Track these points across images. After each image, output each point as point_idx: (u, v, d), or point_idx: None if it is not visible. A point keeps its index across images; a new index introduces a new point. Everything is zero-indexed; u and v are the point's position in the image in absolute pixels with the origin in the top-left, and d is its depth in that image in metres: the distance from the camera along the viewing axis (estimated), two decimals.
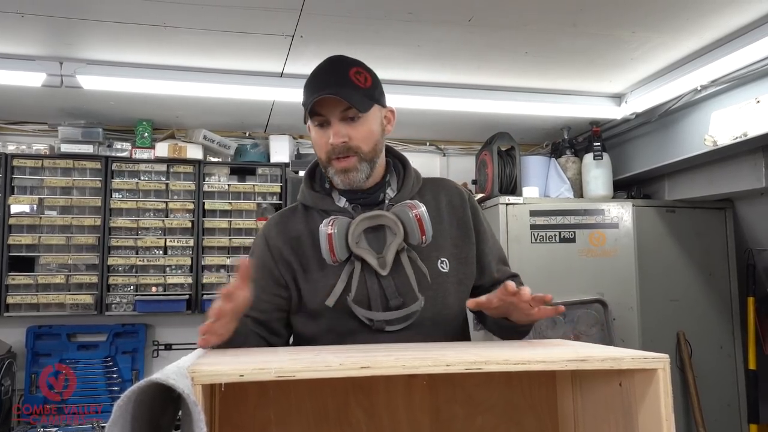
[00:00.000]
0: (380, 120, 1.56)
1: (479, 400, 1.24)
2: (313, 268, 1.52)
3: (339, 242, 1.44)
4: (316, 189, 1.62)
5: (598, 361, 0.96)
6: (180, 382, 0.79)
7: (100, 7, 2.27)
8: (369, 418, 1.22)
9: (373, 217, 1.48)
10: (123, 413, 0.76)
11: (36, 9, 2.28)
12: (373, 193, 1.56)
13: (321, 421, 1.20)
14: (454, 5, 2.27)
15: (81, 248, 3.37)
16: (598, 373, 1.11)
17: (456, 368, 0.94)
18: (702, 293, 3.45)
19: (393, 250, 1.46)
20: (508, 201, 3.30)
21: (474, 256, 1.60)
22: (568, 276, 3.28)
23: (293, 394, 1.19)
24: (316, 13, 2.30)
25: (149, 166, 3.47)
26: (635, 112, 3.22)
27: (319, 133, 1.51)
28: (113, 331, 3.47)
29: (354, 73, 1.51)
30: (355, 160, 1.49)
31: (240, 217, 3.55)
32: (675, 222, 3.46)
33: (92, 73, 2.76)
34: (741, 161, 3.06)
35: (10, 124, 3.49)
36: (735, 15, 2.37)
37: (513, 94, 3.14)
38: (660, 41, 2.61)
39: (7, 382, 3.15)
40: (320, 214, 1.55)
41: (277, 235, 1.57)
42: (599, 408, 1.12)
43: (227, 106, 3.21)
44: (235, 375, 0.86)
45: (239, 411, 1.17)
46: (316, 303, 1.49)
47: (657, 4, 2.28)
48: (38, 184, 3.36)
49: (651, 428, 0.98)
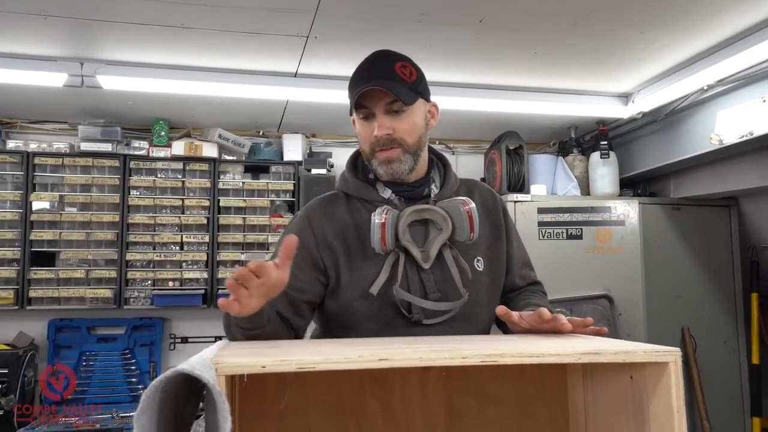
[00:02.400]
0: (424, 114, 1.55)
1: (492, 393, 1.24)
2: (356, 257, 1.50)
3: (390, 232, 1.42)
4: (360, 178, 1.59)
5: (611, 354, 0.96)
6: (205, 373, 0.79)
7: (120, 9, 2.28)
8: (384, 409, 1.22)
9: (421, 211, 1.47)
10: (150, 402, 0.77)
11: (58, 11, 2.29)
12: (418, 187, 1.56)
13: (337, 412, 1.20)
14: (465, 6, 2.27)
15: (100, 244, 3.39)
16: (609, 366, 1.11)
17: (472, 361, 0.93)
18: (706, 289, 3.44)
19: (437, 245, 1.45)
20: (516, 199, 3.30)
21: (504, 257, 1.60)
22: (575, 272, 3.27)
23: (310, 385, 1.19)
24: (331, 14, 2.30)
25: (166, 164, 3.49)
26: (642, 111, 3.21)
27: (364, 125, 1.50)
28: (131, 325, 3.50)
29: (400, 66, 1.50)
30: (399, 151, 1.47)
31: (254, 214, 3.56)
32: (680, 219, 3.45)
33: (111, 74, 2.77)
34: (746, 160, 3.05)
35: (31, 123, 3.51)
36: (742, 15, 2.35)
37: (521, 93, 3.13)
38: (667, 41, 2.60)
39: (29, 373, 3.17)
40: (363, 204, 1.55)
41: (322, 218, 1.54)
42: (610, 400, 1.12)
43: (242, 106, 3.22)
44: (257, 366, 0.86)
45: (258, 401, 1.17)
46: (359, 291, 1.47)
47: (665, 5, 2.27)
48: (59, 181, 3.38)
49: (662, 421, 0.98)
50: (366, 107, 1.48)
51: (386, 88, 1.44)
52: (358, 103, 1.47)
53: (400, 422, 1.22)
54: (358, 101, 1.47)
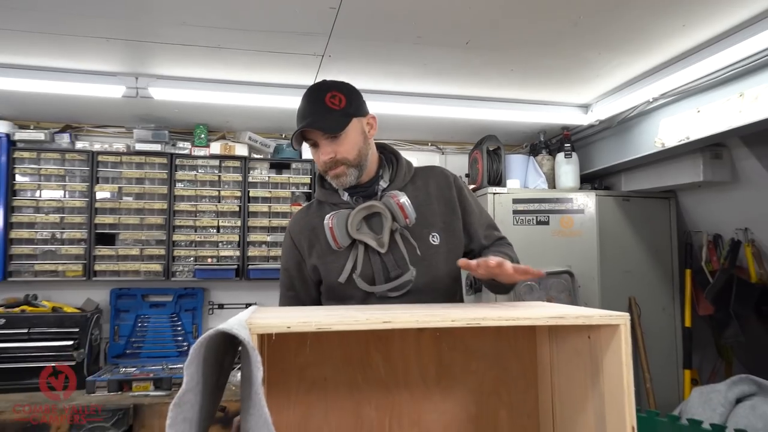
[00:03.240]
0: (361, 129, 1.52)
1: (474, 349, 1.26)
2: (327, 252, 1.53)
3: (339, 232, 1.46)
4: (326, 187, 1.62)
5: (573, 318, 0.97)
6: (241, 332, 0.80)
7: (168, 33, 2.28)
8: (386, 363, 1.23)
9: (367, 207, 1.49)
10: (197, 355, 0.78)
11: (118, 34, 2.29)
12: (369, 187, 1.56)
13: (347, 364, 1.21)
14: (454, 30, 2.26)
15: (152, 227, 3.40)
16: (570, 328, 1.12)
17: (459, 323, 0.94)
18: (649, 266, 3.46)
19: (387, 231, 1.47)
20: (495, 191, 3.30)
21: (461, 228, 1.59)
22: (543, 252, 3.28)
23: (325, 343, 1.20)
24: (342, 37, 2.29)
25: (205, 161, 3.49)
26: (599, 119, 3.21)
27: (313, 152, 1.53)
28: (177, 293, 3.51)
29: (329, 98, 1.48)
30: (344, 168, 1.49)
31: (278, 203, 3.57)
32: (629, 209, 3.46)
33: (161, 86, 2.77)
34: (683, 160, 3.05)
35: (96, 127, 3.51)
36: (679, 41, 2.36)
37: (499, 103, 3.13)
38: (619, 62, 2.59)
39: (96, 332, 3.20)
40: (330, 207, 1.57)
41: (299, 231, 1.60)
42: (571, 356, 1.13)
43: (268, 113, 3.21)
44: (283, 327, 0.87)
45: (283, 356, 1.18)
46: (331, 280, 1.51)
47: (618, 32, 2.27)
48: (118, 175, 3.38)
49: (613, 372, 0.99)
50: (310, 139, 1.50)
51: (317, 126, 1.45)
52: (305, 137, 1.50)
53: (399, 373, 1.23)
54: (304, 135, 1.49)
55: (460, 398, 1.24)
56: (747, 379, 2.50)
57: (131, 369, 3.11)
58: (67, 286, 3.37)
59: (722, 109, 2.49)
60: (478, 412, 1.24)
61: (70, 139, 3.40)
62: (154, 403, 2.70)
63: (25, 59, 2.57)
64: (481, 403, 1.24)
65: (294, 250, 1.60)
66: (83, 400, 2.70)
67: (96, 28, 2.24)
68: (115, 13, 2.12)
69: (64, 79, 2.68)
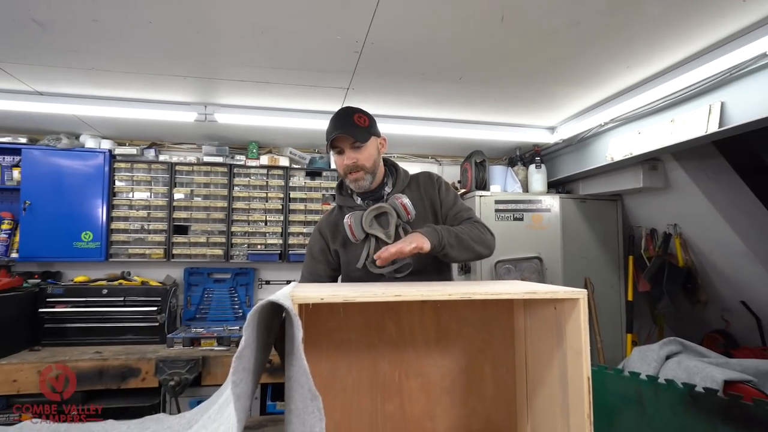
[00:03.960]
0: (376, 146, 1.55)
1: (466, 318, 1.26)
2: (348, 245, 1.54)
3: (356, 228, 1.47)
4: (343, 194, 1.64)
5: (543, 293, 0.97)
6: (286, 302, 0.81)
7: (229, 71, 2.29)
8: (396, 328, 1.24)
9: (377, 208, 1.50)
10: (253, 320, 0.79)
11: (192, 73, 2.31)
12: (377, 192, 1.57)
13: (366, 329, 1.22)
14: (450, 69, 2.25)
15: (215, 221, 3.41)
16: (540, 301, 1.12)
17: (455, 297, 0.95)
18: (601, 253, 3.43)
19: (393, 226, 1.48)
20: (481, 194, 3.29)
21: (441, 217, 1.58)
22: (518, 242, 3.26)
23: (350, 312, 1.21)
24: (362, 74, 2.29)
25: (256, 170, 3.49)
26: (562, 138, 3.18)
27: (338, 158, 1.53)
28: (235, 272, 3.53)
29: (357, 117, 1.50)
30: (362, 173, 1.50)
31: (312, 203, 3.56)
32: (585, 208, 3.43)
33: (223, 113, 2.78)
34: (627, 171, 3.03)
35: (174, 144, 3.53)
36: (626, 78, 2.34)
37: (485, 125, 3.11)
38: (578, 94, 2.57)
39: (173, 301, 3.23)
40: (347, 210, 1.58)
41: (326, 226, 1.61)
42: (541, 323, 1.13)
43: (304, 133, 3.22)
44: (317, 299, 0.88)
45: (317, 321, 1.19)
46: (352, 266, 1.52)
47: (578, 71, 2.25)
48: (190, 181, 3.40)
49: (573, 335, 0.98)
50: (338, 146, 1.50)
51: (349, 134, 1.46)
52: (333, 145, 1.49)
53: (407, 335, 1.24)
54: (333, 143, 1.49)
55: (454, 355, 1.24)
56: (675, 341, 2.48)
57: (200, 329, 3.14)
58: (152, 265, 3.41)
59: (658, 131, 2.47)
60: (468, 366, 1.24)
61: (155, 153, 3.43)
62: (217, 355, 2.73)
63: (123, 93, 2.60)
64: (471, 360, 1.24)
65: (321, 240, 1.61)
66: (165, 353, 2.73)
67: (175, 69, 2.26)
68: (190, 57, 2.13)
69: (152, 107, 2.70)
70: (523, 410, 1.20)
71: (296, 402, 0.77)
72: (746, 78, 2.01)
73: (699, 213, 2.90)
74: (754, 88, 1.98)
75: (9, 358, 2.61)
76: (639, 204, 3.36)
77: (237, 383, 0.73)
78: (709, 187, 2.81)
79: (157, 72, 2.29)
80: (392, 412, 1.20)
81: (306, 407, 0.75)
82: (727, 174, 2.82)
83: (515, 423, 1.23)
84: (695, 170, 2.81)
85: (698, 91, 2.21)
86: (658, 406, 2.02)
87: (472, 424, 1.22)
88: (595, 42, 1.96)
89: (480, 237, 1.49)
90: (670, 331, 3.51)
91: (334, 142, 1.49)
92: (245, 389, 0.75)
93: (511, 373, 1.25)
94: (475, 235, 1.48)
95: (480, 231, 1.51)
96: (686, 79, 2.13)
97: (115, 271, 3.33)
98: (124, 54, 2.10)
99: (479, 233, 1.50)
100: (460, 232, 1.46)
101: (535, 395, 1.15)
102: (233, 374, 0.73)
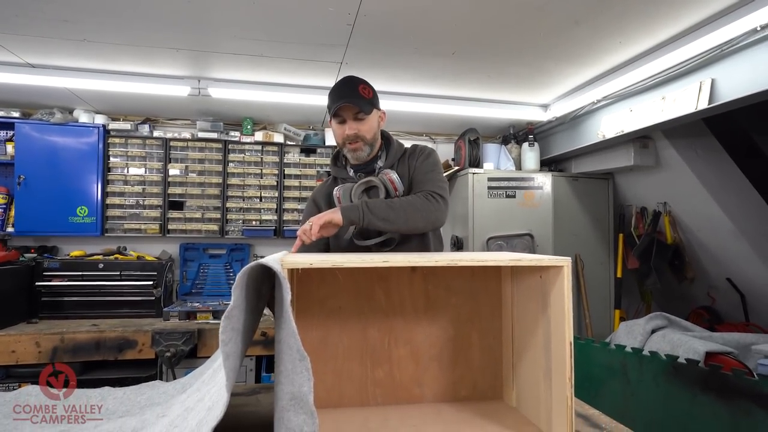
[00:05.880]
0: (377, 119, 1.54)
1: (453, 286, 1.27)
2: None
3: (345, 200, 1.48)
4: (337, 165, 1.63)
5: (528, 261, 0.98)
6: (275, 266, 0.81)
7: (223, 44, 2.25)
8: (385, 295, 1.24)
9: (366, 182, 1.50)
10: (241, 282, 0.79)
11: (184, 45, 2.27)
12: (370, 164, 1.56)
13: (356, 296, 1.23)
14: (443, 43, 2.22)
15: (210, 197, 3.40)
16: (526, 269, 1.13)
17: (441, 263, 0.95)
18: (592, 231, 3.45)
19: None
20: (474, 172, 3.28)
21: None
22: (511, 219, 3.28)
23: (339, 279, 1.22)
24: (356, 47, 2.26)
25: (251, 146, 3.46)
26: (555, 116, 3.17)
27: (339, 126, 1.51)
28: (230, 248, 3.53)
29: (361, 88, 1.48)
30: (361, 143, 1.50)
31: (306, 179, 3.55)
32: (577, 187, 3.43)
33: (217, 87, 2.74)
34: (619, 148, 3.02)
35: (168, 119, 3.49)
36: (618, 55, 2.32)
37: (479, 103, 3.08)
38: (571, 71, 2.55)
39: (169, 276, 3.23)
40: (341, 181, 1.58)
41: (320, 196, 1.62)
42: (527, 291, 1.14)
43: (299, 108, 3.19)
44: (307, 264, 0.88)
45: (307, 289, 1.20)
46: (340, 238, 1.52)
47: (571, 48, 2.23)
48: (185, 157, 3.37)
49: (558, 303, 1.00)
50: (341, 116, 1.48)
51: (354, 104, 1.44)
52: (336, 113, 1.47)
53: (396, 304, 1.25)
54: (336, 112, 1.47)
55: (443, 324, 1.25)
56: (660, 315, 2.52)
57: (196, 303, 3.16)
58: (147, 240, 3.41)
59: (649, 109, 2.46)
60: (455, 334, 1.25)
61: (150, 128, 3.39)
62: (212, 328, 2.75)
63: (116, 66, 2.55)
64: (459, 328, 1.25)
65: (315, 209, 1.61)
66: (161, 325, 2.75)
67: (168, 41, 2.21)
68: (183, 29, 2.09)
69: (145, 81, 2.66)
70: (509, 376, 1.22)
71: (285, 363, 0.79)
72: (737, 54, 2.00)
73: (688, 191, 2.91)
74: (745, 65, 1.97)
75: (7, 330, 2.62)
76: (630, 182, 3.37)
77: (226, 342, 0.74)
78: (699, 166, 2.82)
79: (149, 44, 2.25)
80: (382, 378, 1.22)
81: (295, 367, 0.76)
82: (717, 152, 2.83)
83: (501, 389, 1.25)
84: (685, 148, 2.81)
85: (689, 68, 2.20)
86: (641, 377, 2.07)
87: (460, 391, 1.24)
88: (587, 16, 1.94)
89: (422, 209, 1.39)
90: (657, 307, 3.56)
91: (338, 111, 1.48)
92: (234, 348, 0.76)
93: (498, 341, 1.26)
94: (415, 208, 1.40)
95: (427, 202, 1.42)
96: (677, 55, 2.12)
97: (111, 245, 3.32)
98: (115, 25, 2.05)
99: (424, 205, 1.41)
100: (394, 205, 1.39)
101: (521, 362, 1.17)
102: (222, 333, 0.73)
